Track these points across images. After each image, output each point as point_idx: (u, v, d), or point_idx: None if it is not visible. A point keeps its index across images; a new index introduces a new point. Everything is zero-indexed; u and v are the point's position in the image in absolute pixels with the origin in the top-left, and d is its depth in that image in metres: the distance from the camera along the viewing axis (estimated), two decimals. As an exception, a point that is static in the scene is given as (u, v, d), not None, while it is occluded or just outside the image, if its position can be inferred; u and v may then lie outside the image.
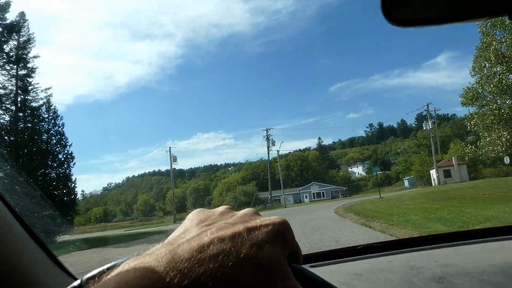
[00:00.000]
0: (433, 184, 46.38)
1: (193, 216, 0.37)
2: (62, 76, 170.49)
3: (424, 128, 49.07)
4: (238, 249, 0.28)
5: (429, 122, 45.13)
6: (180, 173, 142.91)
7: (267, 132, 46.84)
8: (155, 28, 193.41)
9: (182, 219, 0.39)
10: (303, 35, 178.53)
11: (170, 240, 0.32)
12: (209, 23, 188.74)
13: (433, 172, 46.76)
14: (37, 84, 25.22)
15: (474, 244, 1.30)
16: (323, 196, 62.03)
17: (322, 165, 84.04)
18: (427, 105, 45.56)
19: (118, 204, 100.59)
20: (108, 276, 0.26)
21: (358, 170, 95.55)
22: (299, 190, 64.08)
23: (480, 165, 45.79)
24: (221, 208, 0.38)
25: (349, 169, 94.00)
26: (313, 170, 77.76)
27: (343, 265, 1.26)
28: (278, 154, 47.53)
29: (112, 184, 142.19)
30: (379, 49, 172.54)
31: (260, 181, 56.41)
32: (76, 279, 0.34)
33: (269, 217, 0.34)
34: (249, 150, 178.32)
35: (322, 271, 1.16)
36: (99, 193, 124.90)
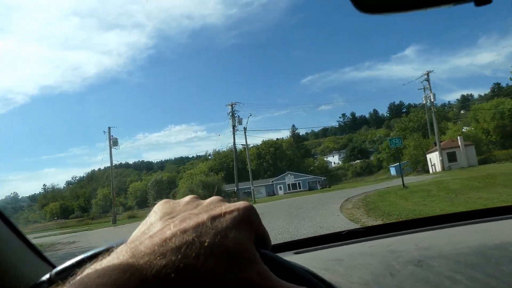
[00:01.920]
0: (431, 171, 38.47)
1: (158, 209, 0.35)
2: (26, 66, 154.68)
3: (423, 102, 40.88)
4: (201, 239, 0.28)
5: (431, 94, 36.99)
6: (149, 166, 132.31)
7: (232, 108, 37.10)
8: (125, 18, 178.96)
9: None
10: (275, 27, 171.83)
11: (133, 238, 0.31)
12: (181, 14, 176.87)
13: (432, 156, 38.91)
14: None
15: (455, 227, 1.30)
16: (300, 188, 55.13)
17: (297, 153, 76.35)
18: (427, 74, 37.55)
19: (76, 199, 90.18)
20: (69, 282, 0.26)
21: (334, 160, 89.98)
22: (272, 181, 57.22)
23: (484, 147, 38.97)
24: (187, 198, 0.38)
25: (325, 158, 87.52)
26: (288, 159, 70.22)
27: (326, 251, 1.27)
28: (245, 132, 37.97)
29: (76, 178, 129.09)
30: (350, 41, 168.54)
31: (229, 172, 48.88)
32: (55, 267, 0.38)
33: (234, 203, 0.33)
34: (221, 142, 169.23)
35: (305, 258, 1.19)
36: (62, 187, 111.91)
